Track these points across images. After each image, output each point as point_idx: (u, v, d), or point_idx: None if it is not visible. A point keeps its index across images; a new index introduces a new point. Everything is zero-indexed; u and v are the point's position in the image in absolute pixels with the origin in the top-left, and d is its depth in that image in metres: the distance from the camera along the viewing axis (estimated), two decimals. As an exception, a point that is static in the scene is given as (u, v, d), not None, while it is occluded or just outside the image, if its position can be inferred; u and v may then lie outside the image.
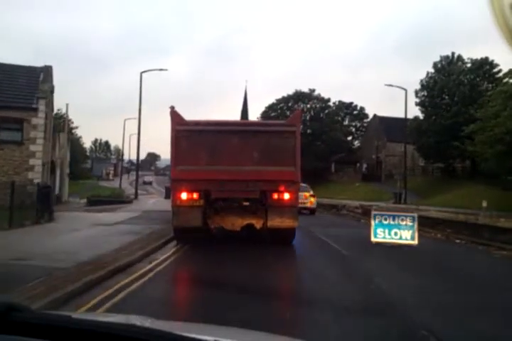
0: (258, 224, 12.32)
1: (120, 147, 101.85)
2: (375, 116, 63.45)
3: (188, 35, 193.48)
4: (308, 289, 7.84)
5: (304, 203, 26.59)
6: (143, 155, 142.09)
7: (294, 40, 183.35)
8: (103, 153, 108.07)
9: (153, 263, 9.36)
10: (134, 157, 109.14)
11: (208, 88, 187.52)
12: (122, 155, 69.46)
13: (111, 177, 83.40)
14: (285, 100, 66.34)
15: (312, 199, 26.85)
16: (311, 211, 26.76)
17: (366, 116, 71.18)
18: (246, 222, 12.36)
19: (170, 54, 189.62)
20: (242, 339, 1.91)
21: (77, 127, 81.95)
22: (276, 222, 11.76)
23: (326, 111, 66.58)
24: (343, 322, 5.66)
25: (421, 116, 51.72)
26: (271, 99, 68.96)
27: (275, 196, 11.74)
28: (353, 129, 72.77)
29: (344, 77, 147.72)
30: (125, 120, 59.43)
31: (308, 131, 66.38)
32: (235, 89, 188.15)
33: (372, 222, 13.37)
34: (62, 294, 6.05)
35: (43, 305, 5.36)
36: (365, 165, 63.12)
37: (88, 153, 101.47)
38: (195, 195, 11.66)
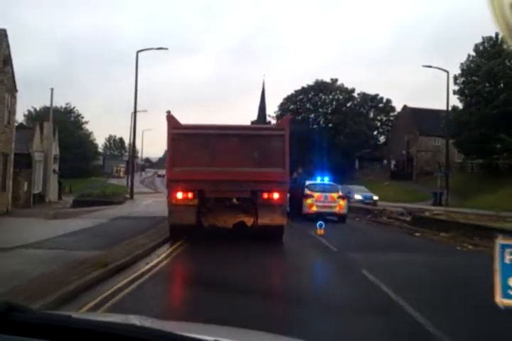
0: (249, 222, 12.39)
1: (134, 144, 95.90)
2: (405, 107, 55.09)
3: (209, 35, 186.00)
4: None
5: (331, 207, 19.27)
6: (161, 153, 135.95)
7: (316, 33, 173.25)
8: (117, 150, 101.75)
9: None
10: (147, 154, 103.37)
11: (227, 86, 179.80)
12: (130, 150, 62.91)
13: (122, 174, 77.10)
14: (305, 91, 58.71)
15: (342, 202, 19.46)
16: (341, 218, 19.37)
17: (393, 109, 62.90)
18: (238, 220, 12.44)
19: (191, 53, 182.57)
20: (242, 339, 1.86)
21: (87, 122, 76.00)
22: (266, 220, 11.82)
23: (350, 103, 58.78)
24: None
25: (460, 105, 43.76)
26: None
27: (265, 195, 11.86)
28: (378, 124, 64.60)
29: (368, 70, 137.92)
30: (132, 113, 52.58)
31: (330, 124, 58.85)
32: (255, 86, 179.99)
33: (498, 263, 5.87)
34: None
35: None
36: (393, 162, 54.97)
37: (102, 150, 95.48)
38: (190, 195, 11.76)
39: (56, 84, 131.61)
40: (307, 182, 20.48)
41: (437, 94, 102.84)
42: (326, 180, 21.09)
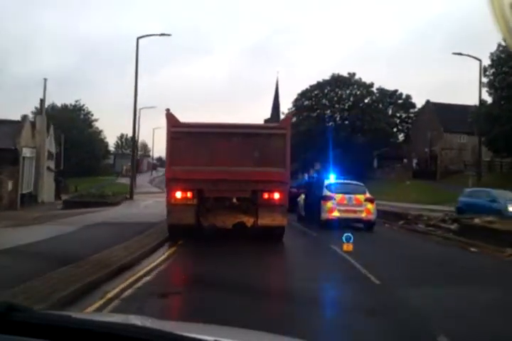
0: (249, 222, 12.02)
1: (147, 142, 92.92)
2: (428, 102, 50.74)
3: (222, 35, 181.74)
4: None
5: (356, 212, 15.53)
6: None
7: (331, 30, 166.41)
8: (129, 148, 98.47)
9: None
10: (160, 153, 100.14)
11: (241, 86, 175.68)
12: (141, 149, 59.73)
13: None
14: (320, 86, 54.85)
15: (370, 205, 15.64)
16: (368, 225, 15.55)
17: (413, 105, 58.67)
18: (237, 220, 12.07)
19: (206, 54, 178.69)
20: (242, 339, 1.81)
21: (96, 120, 73.07)
22: (267, 220, 11.52)
23: (368, 98, 54.72)
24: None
25: (489, 100, 39.56)
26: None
27: (266, 195, 11.58)
28: (398, 121, 60.38)
29: (386, 67, 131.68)
30: (140, 109, 49.42)
31: (346, 121, 54.95)
32: (270, 85, 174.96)
33: None
34: None
35: None
36: (415, 160, 50.73)
37: (114, 149, 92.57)
38: (189, 194, 11.57)
39: (65, 82, 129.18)
40: (326, 182, 16.74)
41: (460, 90, 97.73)
42: (349, 179, 17.34)
